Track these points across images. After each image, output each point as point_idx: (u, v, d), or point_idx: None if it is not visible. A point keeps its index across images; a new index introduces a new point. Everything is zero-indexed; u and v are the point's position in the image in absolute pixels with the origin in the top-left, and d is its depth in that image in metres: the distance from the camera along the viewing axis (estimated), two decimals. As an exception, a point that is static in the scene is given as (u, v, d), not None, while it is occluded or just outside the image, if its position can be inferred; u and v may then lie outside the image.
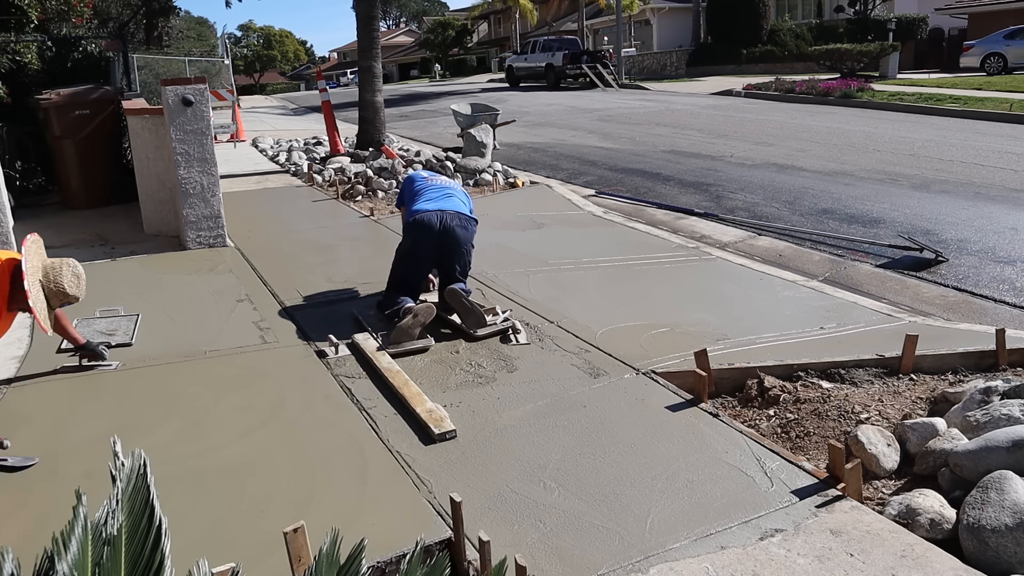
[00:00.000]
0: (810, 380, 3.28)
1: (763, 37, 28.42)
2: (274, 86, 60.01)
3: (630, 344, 3.63)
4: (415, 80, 49.49)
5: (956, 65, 22.89)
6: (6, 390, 3.35)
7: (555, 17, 41.36)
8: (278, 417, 3.03)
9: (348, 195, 7.90)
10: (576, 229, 6.30)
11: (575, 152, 11.05)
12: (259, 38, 66.41)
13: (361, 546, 1.29)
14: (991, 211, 6.58)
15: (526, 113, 16.40)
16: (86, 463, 2.67)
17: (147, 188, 6.40)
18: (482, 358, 3.58)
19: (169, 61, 16.62)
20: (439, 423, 2.86)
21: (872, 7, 27.48)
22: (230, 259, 5.56)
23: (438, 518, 2.29)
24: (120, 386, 3.40)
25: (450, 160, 9.28)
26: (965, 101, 14.69)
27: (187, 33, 34.29)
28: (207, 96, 5.69)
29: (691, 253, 5.47)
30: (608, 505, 2.36)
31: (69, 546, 1.11)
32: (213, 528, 2.29)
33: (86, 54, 8.51)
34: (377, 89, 10.31)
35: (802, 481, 2.44)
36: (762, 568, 2.04)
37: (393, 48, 59.87)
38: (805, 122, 13.58)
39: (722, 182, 8.38)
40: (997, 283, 4.85)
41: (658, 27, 35.39)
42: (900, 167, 8.82)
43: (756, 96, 18.97)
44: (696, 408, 2.98)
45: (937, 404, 3.00)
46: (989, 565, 2.04)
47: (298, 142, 12.13)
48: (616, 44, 27.97)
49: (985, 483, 2.22)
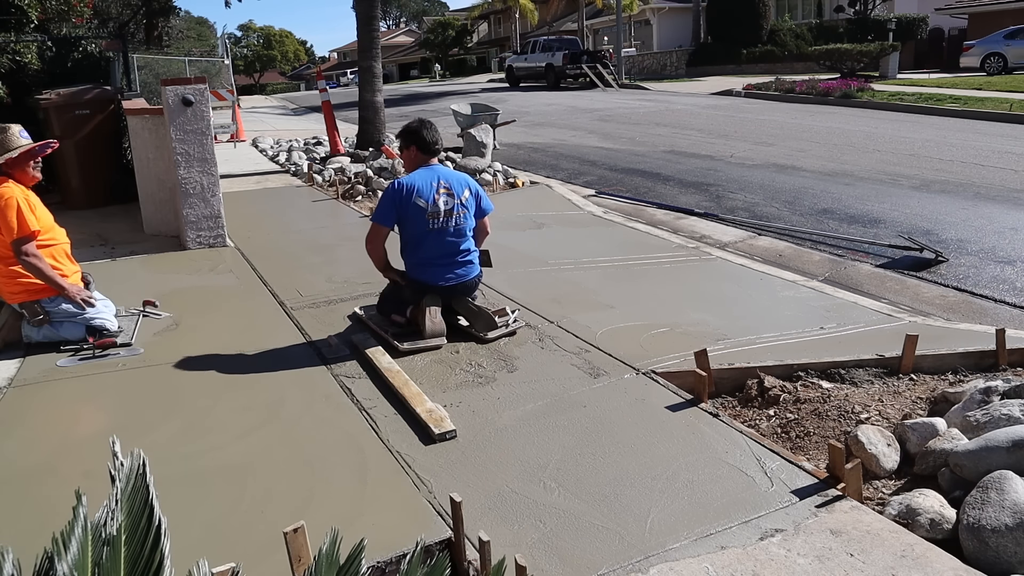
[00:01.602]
0: (810, 380, 3.28)
1: (763, 37, 28.44)
2: (274, 86, 60.04)
3: (630, 344, 3.63)
4: (415, 80, 49.50)
5: (956, 65, 22.90)
6: (6, 390, 3.35)
7: (555, 17, 41.35)
8: (278, 417, 3.03)
9: (348, 195, 7.90)
10: (576, 229, 6.30)
11: (575, 152, 11.05)
12: (259, 38, 66.47)
13: (361, 546, 1.29)
14: (991, 211, 6.58)
15: (526, 113, 16.40)
16: (86, 463, 2.66)
17: (147, 188, 6.40)
18: (482, 358, 3.58)
19: (169, 61, 16.62)
20: (439, 423, 2.86)
21: (872, 7, 27.49)
22: (230, 259, 5.56)
23: (438, 518, 2.29)
24: (120, 386, 3.40)
25: (450, 160, 9.28)
26: (965, 101, 14.69)
27: (187, 33, 34.30)
28: (207, 96, 5.69)
29: (691, 253, 5.47)
30: (608, 505, 2.36)
31: (69, 546, 1.10)
32: (213, 528, 2.28)
33: (86, 54, 8.51)
34: (377, 89, 10.31)
35: (802, 481, 2.44)
36: (762, 568, 2.04)
37: (393, 48, 59.88)
38: (805, 122, 13.58)
39: (722, 182, 8.38)
40: (997, 283, 4.85)
41: (658, 27, 35.40)
42: (900, 167, 8.82)
43: (756, 96, 18.98)
44: (696, 408, 2.98)
45: (937, 404, 3.00)
46: (989, 565, 2.04)
47: (298, 142, 12.13)
48: (616, 44, 27.98)
49: (985, 483, 2.22)
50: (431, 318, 3.72)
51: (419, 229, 3.73)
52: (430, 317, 3.71)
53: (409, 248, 3.83)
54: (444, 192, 3.77)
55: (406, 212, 3.72)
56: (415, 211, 3.70)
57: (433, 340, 3.68)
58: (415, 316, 3.78)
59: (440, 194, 3.75)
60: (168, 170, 5.95)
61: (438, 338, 3.70)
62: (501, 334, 3.77)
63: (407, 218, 3.73)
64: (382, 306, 3.99)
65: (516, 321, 3.88)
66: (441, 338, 3.72)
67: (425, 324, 3.69)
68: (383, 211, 3.77)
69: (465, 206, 3.82)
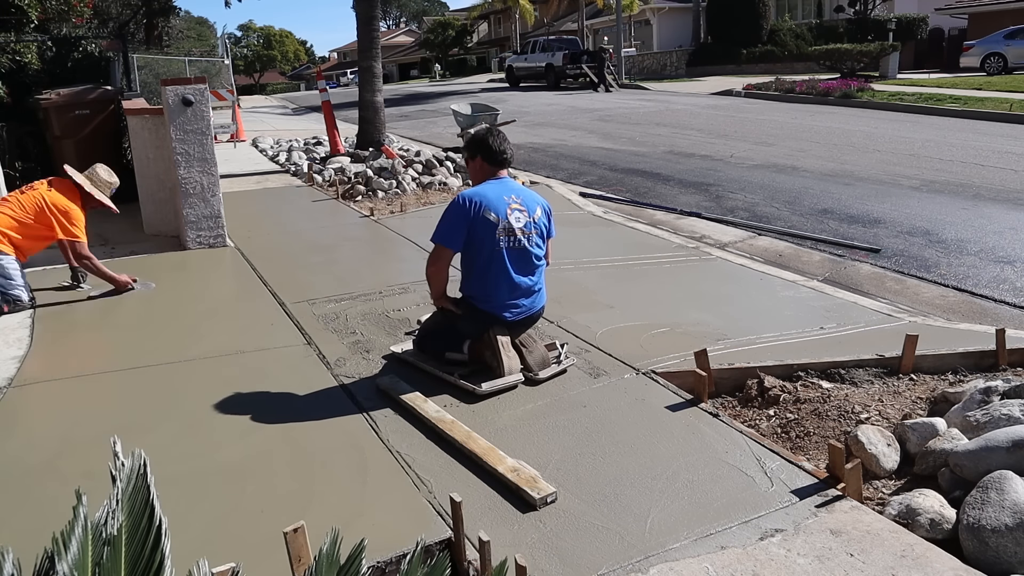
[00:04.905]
0: (810, 380, 3.28)
1: (763, 37, 28.45)
2: (274, 86, 60.05)
3: (630, 344, 3.63)
4: (415, 80, 49.50)
5: (956, 65, 22.91)
6: (6, 390, 3.35)
7: (555, 17, 41.34)
8: (278, 417, 3.03)
9: (348, 195, 7.90)
10: (576, 229, 6.30)
11: (575, 152, 11.05)
12: (259, 38, 66.50)
13: (361, 546, 1.29)
14: (991, 211, 6.58)
15: (526, 113, 16.39)
16: (86, 463, 2.66)
17: (147, 188, 6.40)
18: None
19: (169, 61, 16.63)
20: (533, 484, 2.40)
21: (872, 7, 27.49)
22: (230, 259, 5.56)
23: (438, 518, 2.29)
24: (120, 386, 3.40)
25: (450, 160, 9.28)
26: (965, 101, 14.69)
27: (187, 33, 34.31)
28: (207, 96, 5.70)
29: (691, 253, 5.47)
30: (608, 505, 2.36)
31: (69, 546, 1.10)
32: (213, 528, 2.29)
33: (86, 54, 8.51)
34: (377, 89, 10.31)
35: (802, 481, 2.44)
36: (762, 568, 2.04)
37: (393, 48, 59.89)
38: (805, 122, 13.59)
39: (722, 182, 8.38)
40: (997, 283, 4.85)
41: (658, 27, 35.41)
42: (900, 167, 8.82)
43: (756, 96, 18.98)
44: (696, 408, 2.98)
45: (937, 404, 3.00)
46: (989, 565, 2.04)
47: (298, 142, 12.13)
48: (616, 44, 27.96)
49: (985, 483, 2.22)
50: (506, 353, 3.21)
51: (488, 248, 3.21)
52: (505, 353, 3.21)
53: (474, 272, 3.30)
54: (516, 208, 3.27)
55: (474, 229, 3.20)
56: (484, 227, 3.19)
57: (511, 378, 3.17)
58: (478, 351, 3.30)
59: (512, 210, 3.25)
60: (168, 170, 5.96)
61: (516, 375, 3.21)
62: (553, 373, 3.28)
63: (474, 236, 3.21)
64: (429, 342, 3.45)
65: (567, 357, 3.40)
66: (520, 375, 3.23)
67: (502, 361, 3.17)
68: (449, 229, 3.21)
69: (538, 225, 3.33)
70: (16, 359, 3.71)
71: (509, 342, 3.25)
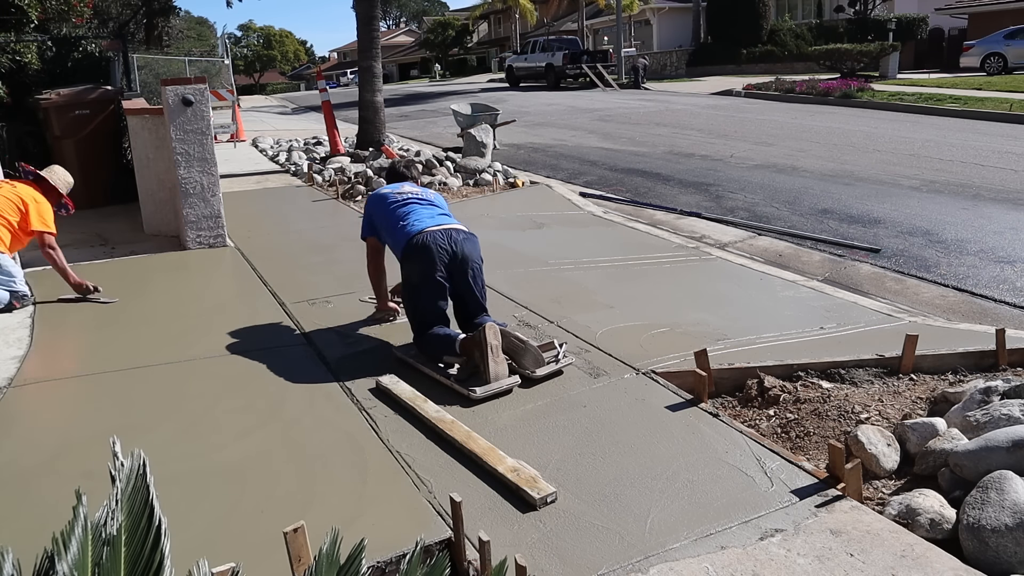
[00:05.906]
0: (810, 380, 3.28)
1: (763, 37, 28.46)
2: (274, 86, 60.04)
3: (630, 344, 3.63)
4: (415, 80, 49.50)
5: (956, 65, 22.91)
6: (6, 390, 3.35)
7: (555, 17, 41.34)
8: (278, 417, 3.03)
9: (348, 195, 7.90)
10: (576, 229, 6.30)
11: (575, 152, 11.05)
12: (259, 38, 66.48)
13: (361, 546, 1.29)
14: (991, 211, 6.58)
15: (526, 113, 16.40)
16: (86, 463, 2.66)
17: (147, 188, 6.40)
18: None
19: (169, 61, 16.64)
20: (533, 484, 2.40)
21: (872, 7, 27.50)
22: (230, 259, 5.56)
23: (438, 518, 2.29)
24: (120, 386, 3.40)
25: (450, 160, 9.28)
26: (965, 101, 14.69)
27: (187, 33, 34.31)
28: (207, 96, 5.69)
29: (691, 253, 5.47)
30: (608, 505, 2.36)
31: (69, 546, 1.10)
32: (213, 528, 2.28)
33: (86, 54, 8.51)
34: (377, 89, 10.31)
35: (802, 481, 2.44)
36: (762, 568, 2.04)
37: (393, 48, 59.87)
38: (805, 122, 13.59)
39: (722, 182, 8.38)
40: (997, 283, 4.85)
41: (658, 27, 35.41)
42: (900, 167, 8.82)
43: (756, 96, 18.98)
44: (696, 408, 2.98)
45: (937, 404, 3.00)
46: (989, 565, 2.04)
47: (298, 142, 12.13)
48: (616, 44, 27.98)
49: (985, 483, 2.22)
50: (494, 358, 3.19)
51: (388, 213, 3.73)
52: (493, 357, 3.18)
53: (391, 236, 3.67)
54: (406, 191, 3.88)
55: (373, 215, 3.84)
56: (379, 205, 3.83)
57: (506, 382, 3.17)
58: (468, 348, 3.29)
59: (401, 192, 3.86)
60: (168, 170, 5.95)
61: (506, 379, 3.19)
62: (550, 371, 3.31)
63: (375, 218, 3.83)
64: (424, 346, 3.49)
65: (565, 356, 3.41)
66: (514, 378, 3.23)
67: (488, 366, 3.17)
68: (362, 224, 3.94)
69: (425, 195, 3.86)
70: (16, 359, 3.71)
71: (499, 347, 3.24)
